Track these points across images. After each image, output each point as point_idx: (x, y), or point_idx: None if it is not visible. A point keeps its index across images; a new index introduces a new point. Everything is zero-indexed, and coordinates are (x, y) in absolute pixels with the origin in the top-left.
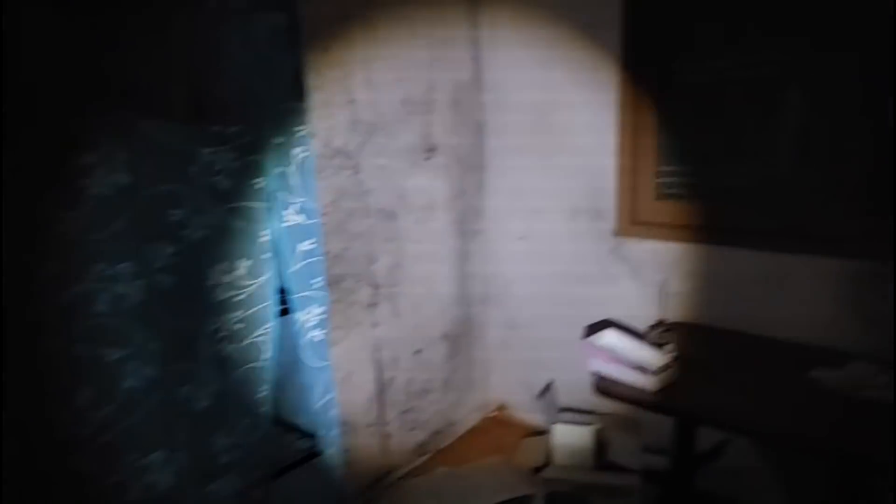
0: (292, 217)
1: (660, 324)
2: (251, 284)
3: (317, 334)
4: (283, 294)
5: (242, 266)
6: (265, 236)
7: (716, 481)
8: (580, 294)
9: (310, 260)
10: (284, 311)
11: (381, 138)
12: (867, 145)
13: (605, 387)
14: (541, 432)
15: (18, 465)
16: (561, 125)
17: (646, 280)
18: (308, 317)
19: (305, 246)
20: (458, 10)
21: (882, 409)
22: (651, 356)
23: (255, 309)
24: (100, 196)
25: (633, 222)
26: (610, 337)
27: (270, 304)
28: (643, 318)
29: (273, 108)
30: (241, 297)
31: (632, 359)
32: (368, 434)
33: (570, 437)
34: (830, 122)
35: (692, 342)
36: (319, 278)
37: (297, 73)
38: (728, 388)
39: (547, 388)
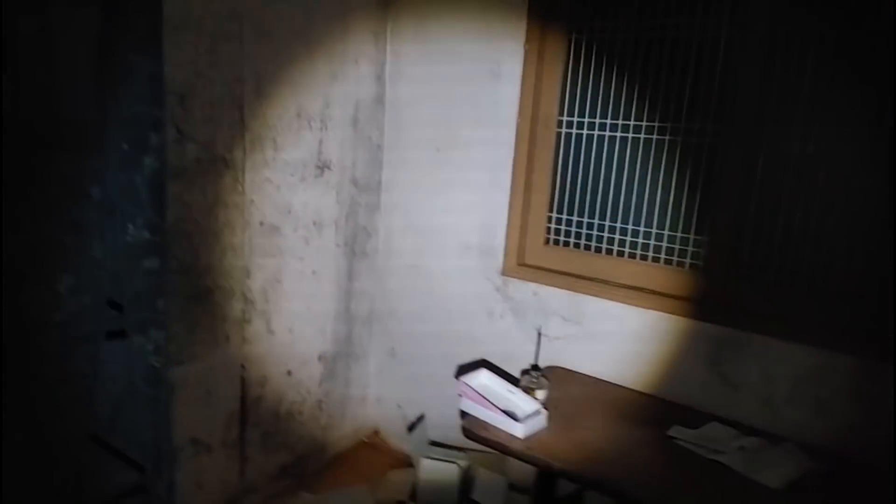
0: (136, 232)
1: (534, 368)
2: (74, 303)
3: (154, 360)
4: (119, 313)
5: (65, 283)
6: (96, 251)
7: None
8: (463, 329)
9: (153, 279)
10: (121, 333)
11: (269, 150)
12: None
13: (471, 428)
14: (411, 464)
15: None
16: (459, 158)
17: (528, 323)
18: (145, 340)
19: (148, 264)
20: (363, 25)
21: (728, 470)
22: (520, 402)
23: (78, 329)
24: None
25: (520, 263)
26: (482, 378)
27: (98, 325)
28: (521, 360)
29: (119, 110)
30: (61, 316)
31: (500, 403)
32: (225, 455)
33: (436, 472)
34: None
35: (564, 390)
36: (163, 300)
37: (152, 75)
38: (588, 440)
39: (418, 421)
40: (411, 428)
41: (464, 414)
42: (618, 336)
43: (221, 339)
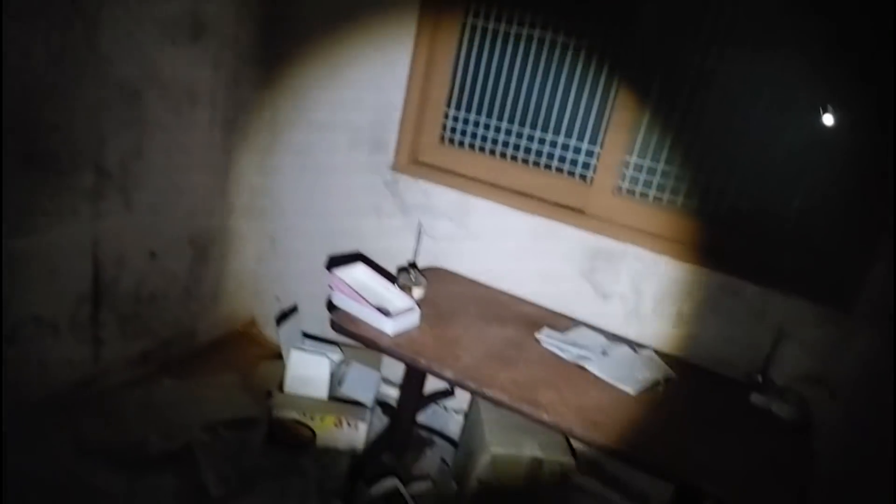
0: None
1: (412, 266)
2: None
3: None
4: None
5: None
6: None
7: (443, 418)
8: (349, 225)
9: None
10: None
11: (132, 1)
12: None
13: (340, 322)
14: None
15: None
16: (358, 45)
17: (415, 221)
18: None
19: None
20: None
21: (589, 375)
22: (394, 298)
23: None
24: None
25: (413, 161)
26: (356, 272)
27: None
28: (405, 259)
29: None
30: None
31: (372, 298)
32: (74, 337)
33: (306, 365)
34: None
35: (443, 290)
36: None
37: None
38: (458, 339)
39: (289, 313)
40: (281, 319)
41: (333, 307)
42: (502, 241)
43: (67, 212)
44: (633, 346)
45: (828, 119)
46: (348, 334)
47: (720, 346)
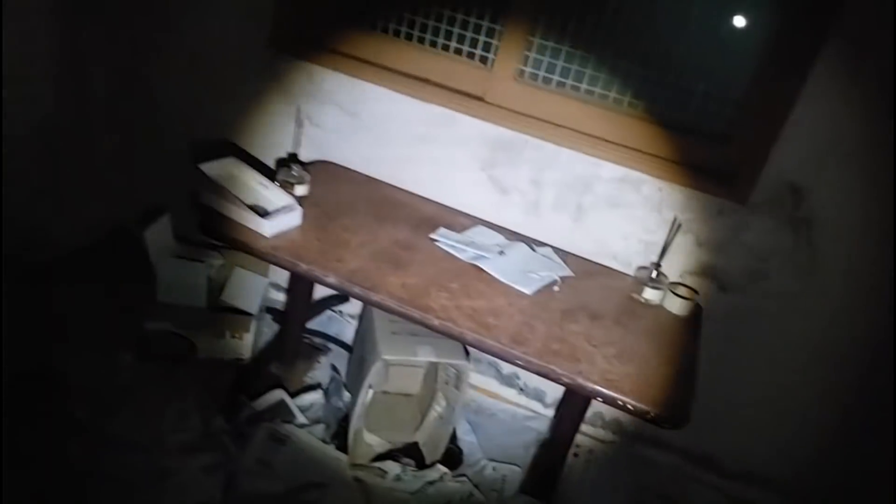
0: None
1: (293, 160)
2: None
3: None
4: None
5: None
6: None
7: (338, 324)
8: (219, 111)
9: None
10: None
11: None
12: None
13: (210, 224)
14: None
15: None
16: None
17: (301, 109)
18: None
19: None
20: None
21: (485, 275)
22: (272, 196)
23: None
24: None
25: (297, 37)
26: (228, 167)
27: None
28: (284, 151)
29: None
30: None
31: (246, 196)
32: None
33: (179, 272)
34: None
35: (331, 187)
36: None
37: None
38: (344, 241)
39: (157, 215)
40: (147, 221)
41: (202, 206)
42: (397, 132)
43: None
44: (532, 244)
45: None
46: (219, 237)
47: (618, 242)
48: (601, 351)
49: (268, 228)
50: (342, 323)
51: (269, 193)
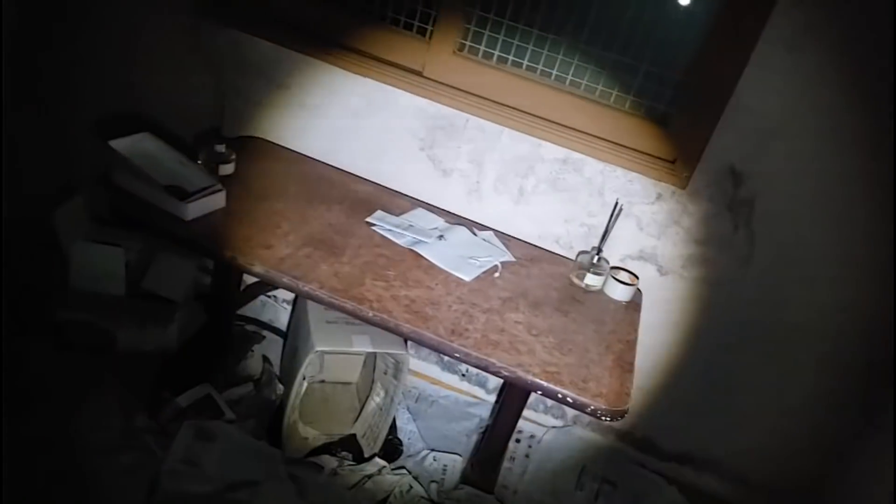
0: None
1: (217, 137)
2: None
3: None
4: None
5: None
6: None
7: (272, 310)
8: (138, 83)
9: None
10: None
11: None
12: None
13: (123, 206)
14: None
15: None
16: None
17: (224, 80)
18: None
19: None
20: None
21: (419, 259)
22: (192, 177)
23: None
24: None
25: (220, 3)
26: (144, 144)
27: None
28: (209, 125)
29: None
30: None
31: (163, 177)
32: None
33: (94, 257)
34: None
35: (260, 166)
36: None
37: None
38: (273, 225)
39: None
40: (57, 202)
41: (113, 187)
42: (332, 108)
43: None
44: (473, 228)
45: None
46: (134, 221)
47: (560, 225)
48: (541, 341)
49: (187, 211)
50: (276, 308)
51: (190, 173)
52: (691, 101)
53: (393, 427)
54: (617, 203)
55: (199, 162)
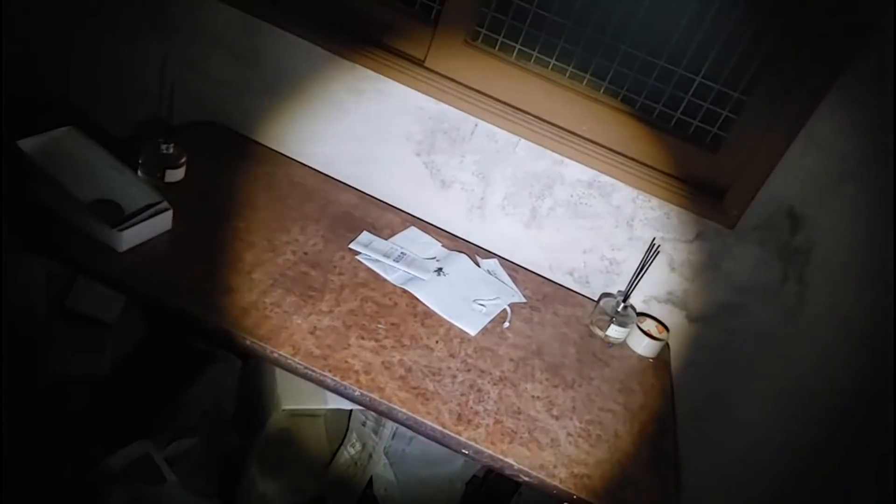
0: None
1: (167, 132)
2: None
3: None
4: None
5: None
6: None
7: None
8: (66, 55)
9: None
10: None
11: None
12: None
13: (34, 231)
14: None
15: None
16: None
17: (179, 56)
18: None
19: None
20: None
21: (414, 300)
22: (131, 188)
23: None
24: None
25: None
26: (61, 142)
27: None
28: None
29: None
30: None
31: (91, 191)
32: None
33: (9, 269)
34: None
35: (220, 164)
36: None
37: None
38: (234, 258)
39: None
40: None
41: (24, 204)
42: (311, 96)
43: None
44: (475, 255)
45: None
46: (48, 252)
47: (576, 257)
48: (564, 425)
49: (121, 241)
50: None
51: (126, 183)
52: (752, 126)
53: (368, 482)
54: (654, 243)
55: (140, 163)
